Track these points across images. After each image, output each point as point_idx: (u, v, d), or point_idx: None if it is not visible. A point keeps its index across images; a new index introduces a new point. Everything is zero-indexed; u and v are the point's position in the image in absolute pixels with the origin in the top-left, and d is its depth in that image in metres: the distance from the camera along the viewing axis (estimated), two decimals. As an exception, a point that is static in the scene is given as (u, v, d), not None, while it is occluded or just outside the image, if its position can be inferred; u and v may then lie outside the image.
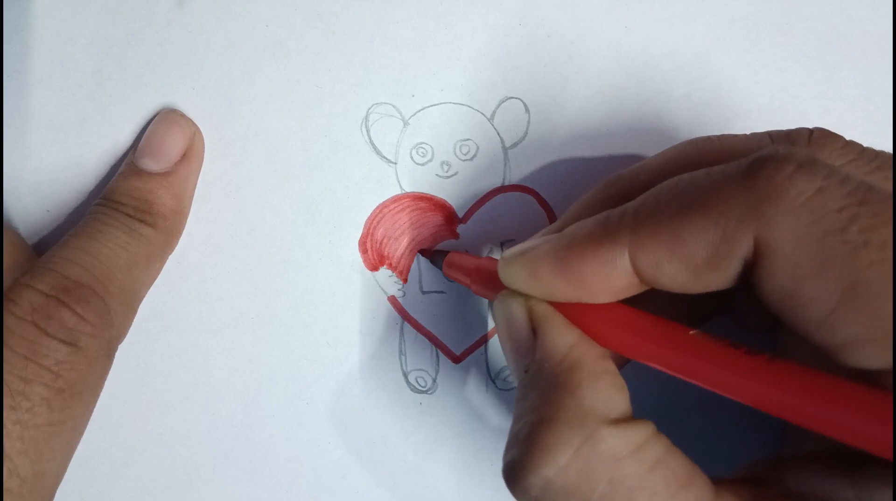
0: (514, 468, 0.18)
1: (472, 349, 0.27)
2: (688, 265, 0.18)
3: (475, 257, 0.24)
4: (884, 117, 0.27)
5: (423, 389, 0.27)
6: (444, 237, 0.27)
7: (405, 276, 0.27)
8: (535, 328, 0.20)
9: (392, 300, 0.27)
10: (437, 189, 0.27)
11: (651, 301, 0.21)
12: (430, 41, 0.26)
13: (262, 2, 0.26)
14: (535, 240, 0.21)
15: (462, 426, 0.27)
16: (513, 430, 0.19)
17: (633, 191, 0.20)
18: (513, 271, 0.21)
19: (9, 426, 0.21)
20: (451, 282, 0.27)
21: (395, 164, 0.27)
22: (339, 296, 0.27)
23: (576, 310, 0.20)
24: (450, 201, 0.27)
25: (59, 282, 0.22)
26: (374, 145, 0.27)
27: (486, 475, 0.28)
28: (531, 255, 0.20)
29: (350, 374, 0.27)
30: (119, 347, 0.24)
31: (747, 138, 0.22)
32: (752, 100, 0.27)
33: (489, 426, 0.28)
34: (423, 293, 0.27)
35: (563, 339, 0.20)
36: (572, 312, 0.20)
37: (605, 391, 0.19)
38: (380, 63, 0.26)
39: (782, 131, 0.21)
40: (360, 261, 0.27)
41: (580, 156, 0.27)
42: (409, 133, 0.27)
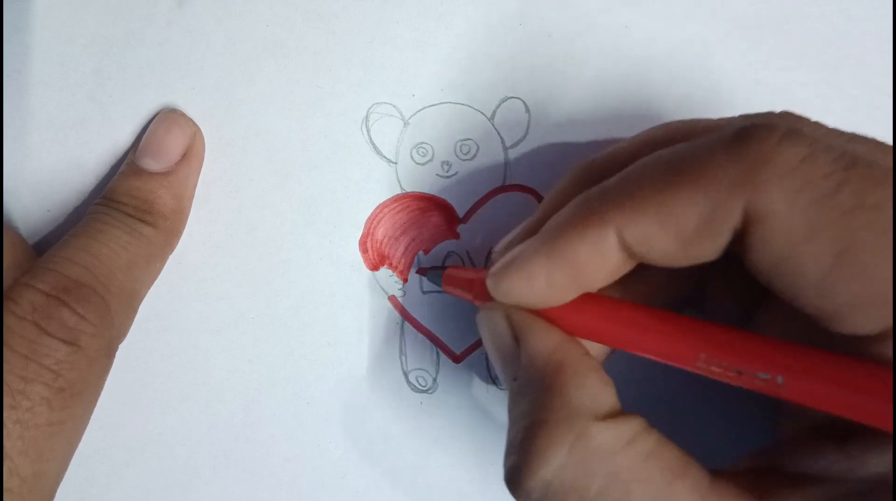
0: (514, 474, 0.18)
1: (472, 349, 0.27)
2: (678, 237, 0.18)
3: (473, 270, 0.24)
4: (884, 117, 0.27)
5: (424, 388, 0.27)
6: (444, 237, 0.27)
7: (406, 276, 0.27)
8: (517, 337, 0.20)
9: (392, 300, 0.27)
10: (438, 189, 0.27)
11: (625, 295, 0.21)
12: (431, 41, 0.26)
13: (262, 2, 0.26)
14: (518, 247, 0.20)
15: (462, 426, 0.27)
16: (508, 437, 0.19)
17: (610, 174, 0.20)
18: (507, 284, 0.20)
19: (9, 426, 0.21)
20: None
21: (396, 164, 0.27)
22: (339, 296, 0.27)
23: (552, 309, 0.20)
24: (450, 201, 0.27)
25: (60, 282, 0.22)
26: (374, 145, 0.27)
27: (486, 474, 0.28)
28: (521, 260, 0.20)
29: (350, 374, 0.27)
30: (119, 347, 0.24)
31: (719, 121, 0.22)
32: (752, 100, 0.27)
33: (490, 426, 0.27)
34: (424, 293, 0.27)
35: (543, 343, 0.20)
36: (549, 311, 0.20)
37: (591, 389, 0.19)
38: (380, 63, 0.26)
39: (751, 114, 0.21)
40: (361, 261, 0.27)
41: (580, 156, 0.27)
42: (409, 133, 0.27)
